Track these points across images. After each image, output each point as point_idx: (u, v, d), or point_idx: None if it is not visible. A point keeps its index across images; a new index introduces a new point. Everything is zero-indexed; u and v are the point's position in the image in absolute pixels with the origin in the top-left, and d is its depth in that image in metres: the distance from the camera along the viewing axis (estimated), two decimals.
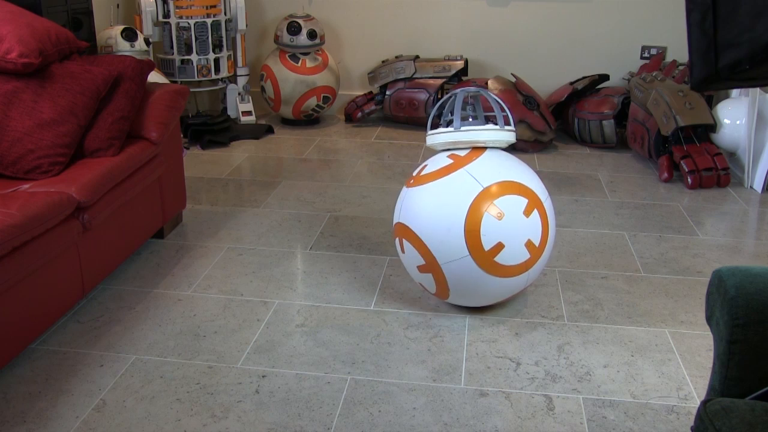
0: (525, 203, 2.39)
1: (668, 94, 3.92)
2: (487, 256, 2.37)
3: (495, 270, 2.40)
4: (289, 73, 4.64)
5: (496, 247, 2.37)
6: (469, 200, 2.37)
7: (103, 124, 2.70)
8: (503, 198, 2.37)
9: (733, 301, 1.46)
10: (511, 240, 2.37)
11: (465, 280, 2.44)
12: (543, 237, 2.45)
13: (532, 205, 2.41)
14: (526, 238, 2.39)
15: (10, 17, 2.65)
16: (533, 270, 2.48)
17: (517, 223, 2.38)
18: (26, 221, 2.13)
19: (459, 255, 2.39)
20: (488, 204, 2.36)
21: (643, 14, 4.69)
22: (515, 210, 2.38)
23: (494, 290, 2.47)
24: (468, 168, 2.43)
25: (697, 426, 1.39)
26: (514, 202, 2.38)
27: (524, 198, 2.40)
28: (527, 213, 2.39)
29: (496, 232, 2.35)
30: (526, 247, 2.40)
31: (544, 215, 2.45)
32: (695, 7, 1.19)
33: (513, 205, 2.38)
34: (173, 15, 4.36)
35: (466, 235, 2.36)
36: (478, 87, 2.54)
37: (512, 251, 2.38)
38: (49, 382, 2.17)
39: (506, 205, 2.37)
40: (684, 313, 2.61)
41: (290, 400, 2.10)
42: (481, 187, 2.38)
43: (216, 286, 2.75)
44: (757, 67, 1.15)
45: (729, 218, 3.46)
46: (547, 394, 2.15)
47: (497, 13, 4.82)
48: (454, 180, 2.42)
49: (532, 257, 2.43)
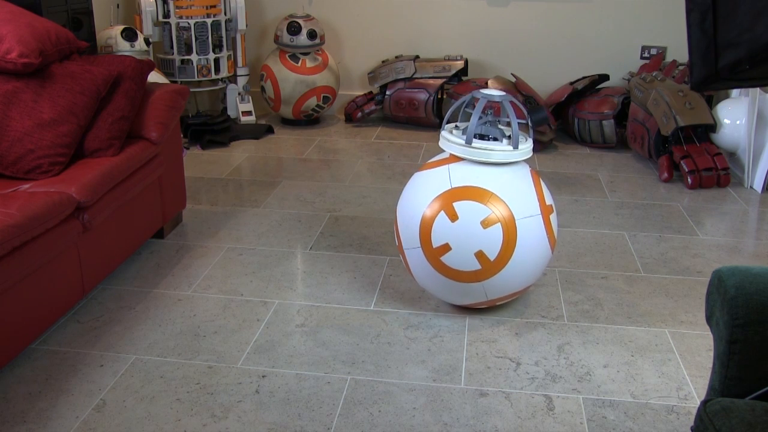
0: (487, 214, 2.35)
1: (668, 94, 3.92)
2: (434, 253, 2.41)
3: (443, 269, 2.42)
4: (289, 73, 4.64)
5: (443, 247, 2.39)
6: (433, 196, 2.42)
7: (103, 124, 2.70)
8: (464, 202, 2.37)
9: (733, 301, 1.46)
10: (460, 246, 2.37)
11: (419, 270, 2.50)
12: (503, 254, 2.36)
13: (497, 218, 2.34)
14: (477, 248, 2.36)
15: (10, 17, 2.65)
16: (491, 283, 2.41)
17: (469, 231, 2.36)
18: (26, 221, 2.13)
19: (414, 245, 2.47)
20: (447, 203, 2.38)
21: (643, 14, 4.69)
22: (472, 217, 2.35)
23: (449, 290, 2.48)
24: (451, 166, 2.45)
25: (697, 426, 1.39)
26: (475, 209, 2.35)
27: (487, 208, 2.35)
28: (486, 225, 2.34)
29: (445, 232, 2.38)
30: (475, 257, 2.37)
31: (510, 233, 2.36)
32: (695, 7, 1.19)
33: (471, 212, 2.35)
34: (173, 15, 4.36)
35: (421, 227, 2.43)
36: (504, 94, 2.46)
37: (458, 257, 2.38)
38: (49, 382, 2.17)
39: (464, 210, 2.36)
40: (684, 313, 2.61)
41: (290, 400, 2.10)
42: (449, 186, 2.40)
43: (216, 286, 2.75)
44: (757, 67, 1.15)
45: (729, 218, 3.46)
46: (547, 394, 2.15)
47: (497, 13, 4.83)
48: (435, 174, 2.46)
49: (483, 269, 2.38)
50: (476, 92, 2.46)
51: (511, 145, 2.41)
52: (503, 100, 2.43)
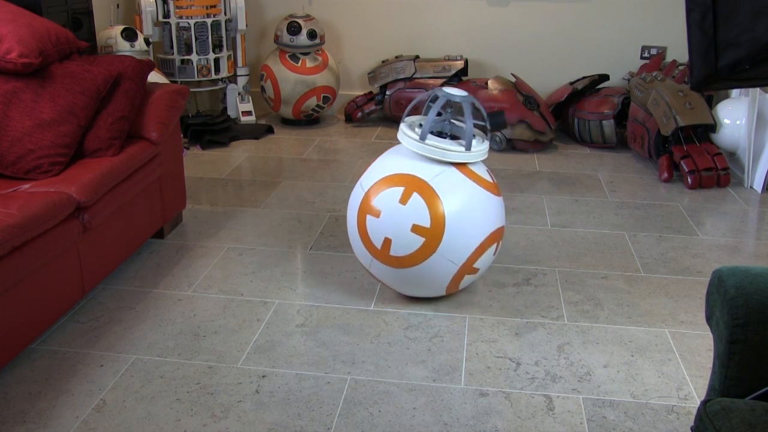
0: (401, 192, 2.39)
1: (668, 94, 3.92)
2: (383, 254, 2.45)
3: (400, 263, 2.44)
4: (289, 73, 4.64)
5: (385, 243, 2.43)
6: (356, 207, 2.51)
7: (103, 124, 2.70)
8: (379, 195, 2.43)
9: (733, 301, 1.46)
10: (396, 231, 2.40)
11: (387, 278, 2.53)
12: (434, 215, 2.37)
13: (410, 189, 2.38)
14: (410, 224, 2.38)
15: (10, 17, 2.65)
16: (443, 249, 2.40)
17: (395, 214, 2.39)
18: (26, 221, 2.13)
19: (368, 259, 2.53)
20: (367, 206, 2.46)
21: (643, 14, 4.69)
22: (391, 202, 2.40)
23: (424, 280, 2.48)
24: (362, 178, 2.55)
25: (697, 426, 1.39)
26: (390, 194, 2.41)
27: (399, 187, 2.40)
28: (404, 200, 2.38)
29: (379, 229, 2.43)
30: (414, 233, 2.38)
31: (428, 193, 2.37)
32: (695, 7, 1.19)
33: (388, 199, 2.41)
34: (173, 15, 4.36)
35: (362, 239, 2.50)
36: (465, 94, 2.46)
37: (401, 241, 2.40)
38: (49, 382, 2.17)
39: (382, 201, 2.42)
40: (684, 313, 2.61)
41: (290, 400, 2.10)
42: (363, 192, 2.50)
43: (216, 286, 2.75)
44: (757, 67, 1.15)
45: (729, 218, 3.46)
46: (547, 394, 2.15)
47: (497, 13, 4.83)
48: (354, 194, 2.56)
49: (427, 239, 2.39)
50: (438, 90, 2.47)
51: (465, 146, 2.42)
52: (463, 100, 2.43)
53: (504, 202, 2.66)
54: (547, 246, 3.12)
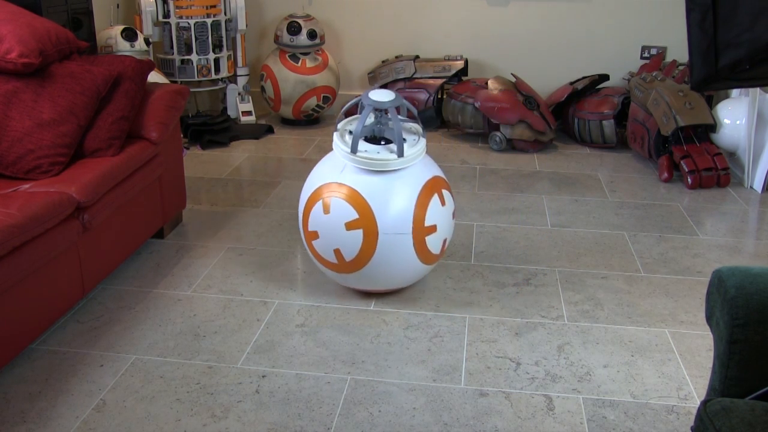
0: (321, 204, 2.46)
1: (668, 94, 3.92)
2: (343, 265, 2.51)
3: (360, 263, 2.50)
4: (289, 73, 4.64)
5: (338, 254, 2.50)
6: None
7: (103, 124, 2.70)
8: (338, 200, 2.44)
9: (733, 301, 1.46)
10: (337, 239, 2.46)
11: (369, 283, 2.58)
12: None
13: (327, 196, 2.44)
14: (336, 246, 2.47)
15: (10, 17, 2.65)
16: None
17: (327, 226, 2.46)
18: (26, 221, 2.13)
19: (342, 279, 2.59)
20: (307, 233, 2.52)
21: (643, 14, 4.69)
22: (319, 218, 2.47)
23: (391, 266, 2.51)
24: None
25: (697, 426, 1.39)
26: (315, 212, 2.48)
27: (318, 201, 2.47)
28: (326, 210, 2.45)
29: (326, 246, 2.50)
30: (350, 229, 2.45)
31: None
32: (695, 7, 1.19)
33: (316, 217, 2.47)
34: (173, 15, 4.36)
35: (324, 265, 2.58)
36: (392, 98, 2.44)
37: (347, 244, 2.47)
38: (49, 382, 2.17)
39: (313, 222, 2.49)
40: (684, 313, 2.61)
41: (290, 400, 2.10)
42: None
43: (216, 286, 2.75)
44: (757, 67, 1.15)
45: (729, 218, 3.46)
46: (547, 394, 2.15)
47: (497, 13, 4.82)
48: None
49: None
50: (364, 96, 2.44)
51: (398, 153, 2.41)
52: (389, 105, 2.40)
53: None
54: (547, 246, 3.12)
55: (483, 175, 3.98)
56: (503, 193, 3.72)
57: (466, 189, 3.76)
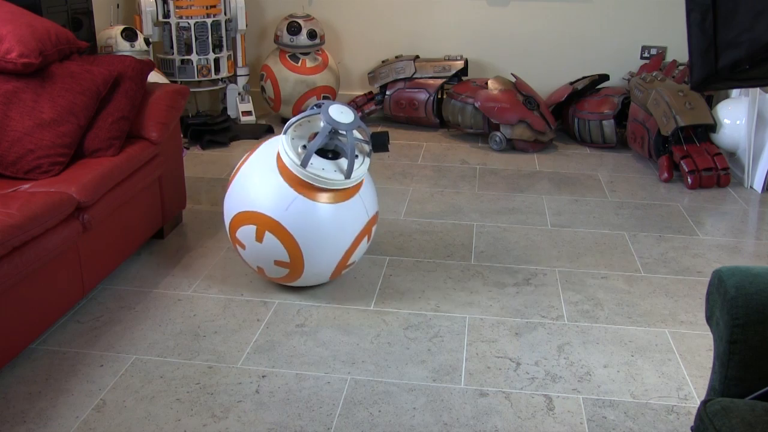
0: (254, 230, 2.48)
1: (668, 94, 3.92)
2: (261, 273, 2.62)
3: (276, 280, 2.65)
4: (289, 73, 4.64)
5: (259, 270, 2.60)
6: (228, 230, 2.60)
7: (103, 124, 2.70)
8: (240, 230, 2.53)
9: (733, 301, 1.46)
10: (263, 263, 2.55)
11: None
12: (290, 250, 2.47)
13: (262, 228, 2.46)
14: (272, 260, 2.51)
15: (10, 17, 2.65)
16: (308, 271, 2.54)
17: (256, 250, 2.52)
18: (26, 221, 2.13)
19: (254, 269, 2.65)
20: (234, 237, 2.57)
21: (643, 14, 4.69)
22: (250, 239, 2.51)
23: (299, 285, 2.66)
24: (228, 197, 2.58)
25: (697, 426, 1.39)
26: (247, 232, 2.51)
27: (252, 225, 2.48)
28: (259, 239, 2.48)
29: (249, 259, 2.58)
30: (278, 266, 2.53)
31: (280, 232, 2.44)
32: (695, 7, 1.19)
33: (247, 235, 2.51)
34: (173, 15, 4.36)
35: (242, 258, 2.62)
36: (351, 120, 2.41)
37: (270, 270, 2.56)
38: (49, 382, 2.17)
39: (243, 236, 2.53)
40: (684, 313, 2.61)
41: (290, 400, 2.10)
42: (229, 219, 2.56)
43: (216, 286, 2.75)
44: (757, 67, 1.15)
45: (729, 218, 3.46)
46: (547, 394, 2.15)
47: (497, 13, 4.83)
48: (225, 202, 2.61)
49: (291, 270, 2.54)
50: (324, 113, 2.39)
51: (346, 174, 2.41)
52: (347, 128, 2.38)
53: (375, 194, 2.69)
54: (547, 246, 3.12)
55: (483, 175, 3.98)
56: (503, 193, 3.72)
57: (466, 189, 3.76)
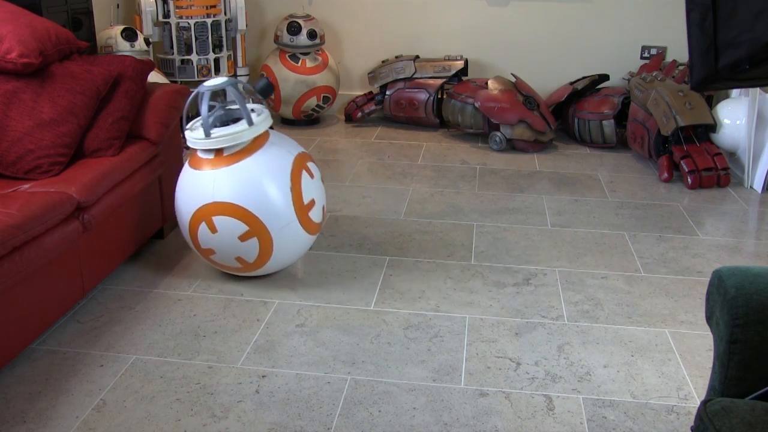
0: (244, 229, 2.54)
1: (668, 94, 3.92)
2: (204, 253, 2.67)
3: (213, 263, 2.69)
4: (289, 73, 4.64)
5: (208, 250, 2.64)
6: (197, 206, 2.57)
7: (103, 124, 2.70)
8: (222, 217, 2.54)
9: (733, 301, 1.46)
10: (222, 251, 2.60)
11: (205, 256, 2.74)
12: (260, 258, 2.62)
13: (253, 232, 2.55)
14: (236, 255, 2.60)
15: (10, 17, 2.65)
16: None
17: (229, 242, 2.57)
18: (26, 221, 2.13)
19: (189, 245, 2.70)
20: (208, 217, 2.56)
21: (643, 14, 4.69)
22: (231, 232, 2.55)
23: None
24: (217, 173, 2.55)
25: (697, 426, 1.39)
26: (232, 225, 2.54)
27: (244, 225, 2.54)
28: (243, 239, 2.56)
29: (208, 240, 2.60)
30: (236, 260, 2.63)
31: (266, 243, 2.58)
32: (695, 7, 1.19)
33: (230, 228, 2.54)
34: (173, 15, 4.36)
35: (189, 230, 2.65)
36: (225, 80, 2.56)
37: (222, 258, 2.63)
38: (49, 382, 2.17)
39: (223, 225, 2.55)
40: (684, 313, 2.61)
41: (290, 400, 2.10)
42: (211, 199, 2.54)
43: (216, 286, 2.75)
44: (757, 67, 1.15)
45: (729, 218, 3.46)
46: (547, 394, 2.15)
47: (497, 13, 4.82)
48: (201, 179, 2.57)
49: (244, 267, 2.67)
50: (200, 87, 2.57)
51: (247, 123, 2.54)
52: (225, 85, 2.54)
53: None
54: (547, 246, 3.12)
55: (483, 175, 3.98)
56: (503, 193, 3.72)
57: (466, 189, 3.76)
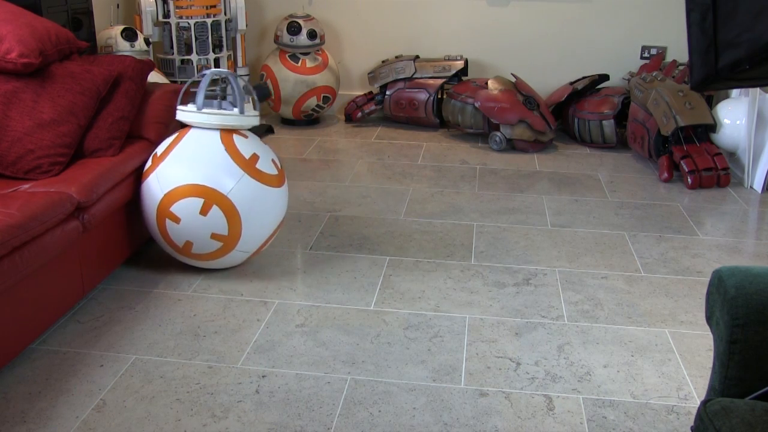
0: (201, 203, 2.59)
1: (668, 94, 3.92)
2: (185, 251, 2.70)
3: (200, 258, 2.72)
4: (289, 73, 4.64)
5: (186, 245, 2.67)
6: (155, 207, 2.65)
7: (103, 124, 2.70)
8: (179, 203, 2.59)
9: (733, 301, 1.46)
10: (196, 237, 2.64)
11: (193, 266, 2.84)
12: (232, 225, 2.63)
13: (210, 202, 2.59)
14: (210, 232, 2.63)
15: (10, 17, 2.65)
16: (239, 246, 2.70)
17: (195, 223, 2.61)
18: (26, 221, 2.13)
19: (172, 252, 2.75)
20: (166, 211, 2.62)
21: (643, 14, 4.69)
22: (191, 212, 2.60)
23: (216, 266, 2.80)
24: (158, 171, 2.64)
25: (697, 426, 1.39)
26: (190, 204, 2.59)
27: (199, 198, 2.58)
28: (204, 212, 2.59)
29: (180, 233, 2.64)
30: (213, 239, 2.65)
31: (227, 206, 2.60)
32: (695, 7, 1.19)
33: (189, 208, 2.59)
34: (173, 15, 4.36)
35: (164, 239, 2.70)
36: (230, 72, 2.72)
37: (201, 244, 2.66)
38: (49, 382, 2.17)
39: (182, 210, 2.60)
40: (684, 313, 2.61)
41: (290, 400, 2.10)
42: (161, 193, 2.62)
43: (216, 286, 2.75)
44: (757, 67, 1.15)
45: (729, 218, 3.46)
46: (547, 394, 2.15)
47: (497, 13, 4.83)
48: (148, 185, 2.67)
49: (225, 243, 2.67)
50: (205, 70, 2.74)
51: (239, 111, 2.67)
52: (228, 74, 2.72)
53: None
54: (547, 246, 3.12)
55: (483, 175, 3.98)
56: (503, 193, 3.72)
57: (466, 189, 3.76)
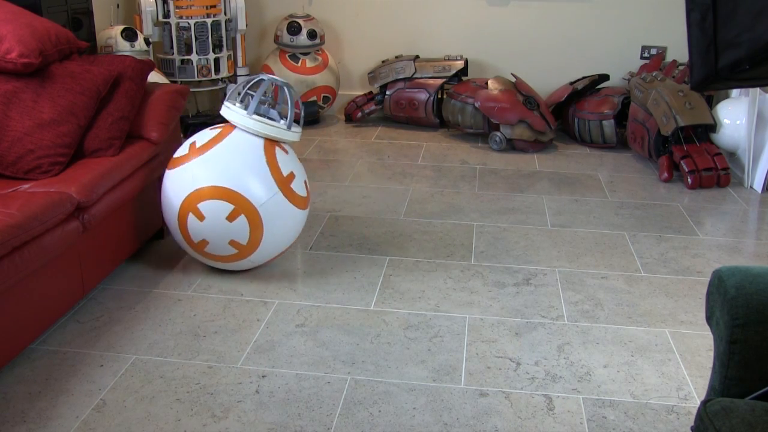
0: (230, 209, 2.59)
1: (668, 94, 3.92)
2: (198, 247, 2.71)
3: (210, 258, 2.74)
4: (289, 73, 4.64)
5: (202, 242, 2.68)
6: (180, 199, 2.65)
7: (103, 124, 2.70)
8: (207, 202, 2.60)
9: (733, 301, 1.46)
10: (214, 238, 2.65)
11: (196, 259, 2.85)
12: (253, 237, 2.65)
13: (239, 211, 2.60)
14: (229, 238, 2.64)
15: (10, 17, 2.65)
16: (253, 258, 2.73)
17: (218, 226, 2.62)
18: (26, 221, 2.13)
19: (184, 245, 2.76)
20: (193, 206, 2.62)
21: (643, 14, 4.69)
22: (217, 215, 2.60)
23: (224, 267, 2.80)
24: (193, 163, 2.64)
25: (697, 426, 1.39)
26: (218, 207, 2.60)
27: (229, 204, 2.59)
28: (231, 218, 2.60)
29: (199, 231, 2.65)
30: (230, 245, 2.66)
31: (254, 219, 2.62)
32: (695, 7, 1.19)
33: (216, 210, 2.60)
34: (173, 15, 4.36)
35: (179, 228, 2.70)
36: (283, 83, 2.75)
37: (217, 246, 2.67)
38: (49, 382, 2.17)
39: (209, 210, 2.61)
40: (684, 313, 2.61)
41: (290, 400, 2.10)
42: (192, 188, 2.62)
43: (216, 286, 2.75)
44: (757, 67, 1.15)
45: (729, 218, 3.46)
46: (547, 394, 2.15)
47: (497, 13, 4.83)
48: (179, 175, 2.67)
49: (241, 251, 2.69)
50: (262, 75, 2.76)
51: (287, 125, 2.70)
52: (285, 84, 2.75)
53: None
54: (547, 246, 3.12)
55: (483, 175, 3.98)
56: (503, 193, 3.72)
57: (466, 189, 3.76)
